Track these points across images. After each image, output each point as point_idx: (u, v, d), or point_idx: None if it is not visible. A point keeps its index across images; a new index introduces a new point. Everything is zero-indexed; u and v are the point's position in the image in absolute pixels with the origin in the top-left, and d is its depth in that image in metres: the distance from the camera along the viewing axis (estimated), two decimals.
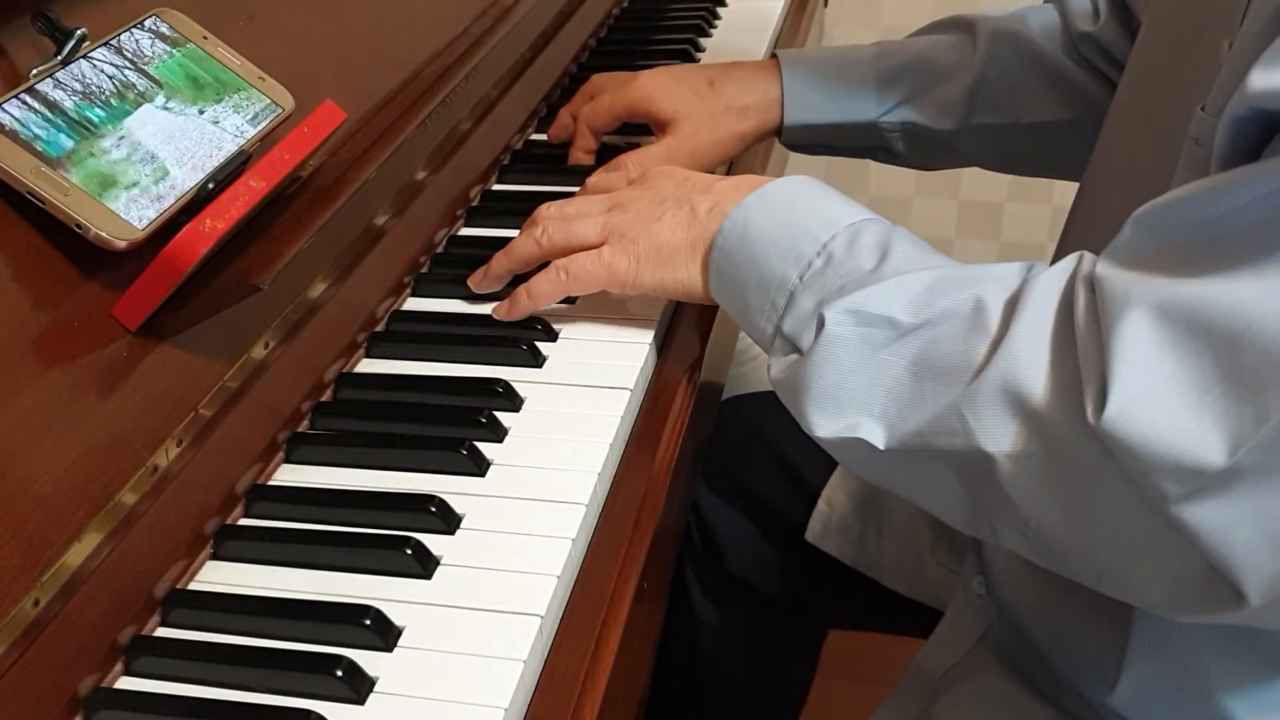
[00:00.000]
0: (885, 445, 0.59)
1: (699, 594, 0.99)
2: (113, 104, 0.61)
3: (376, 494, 0.63)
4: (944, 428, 0.57)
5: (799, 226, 0.66)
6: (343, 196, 0.67)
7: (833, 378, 0.60)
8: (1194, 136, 0.59)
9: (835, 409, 0.61)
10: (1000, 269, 0.61)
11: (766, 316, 0.65)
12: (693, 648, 1.00)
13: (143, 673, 0.54)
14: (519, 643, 0.53)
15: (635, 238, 0.71)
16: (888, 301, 0.60)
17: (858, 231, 0.65)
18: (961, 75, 0.92)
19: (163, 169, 0.61)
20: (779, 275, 0.65)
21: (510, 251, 0.75)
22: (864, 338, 0.60)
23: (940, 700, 0.78)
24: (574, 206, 0.75)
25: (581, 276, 0.72)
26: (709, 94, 0.92)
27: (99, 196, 0.57)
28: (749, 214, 0.68)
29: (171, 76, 0.65)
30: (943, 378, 0.57)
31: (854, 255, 0.63)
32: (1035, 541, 0.58)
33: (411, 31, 0.88)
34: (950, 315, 0.58)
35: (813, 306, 0.62)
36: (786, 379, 0.63)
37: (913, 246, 0.64)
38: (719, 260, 0.68)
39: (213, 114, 0.65)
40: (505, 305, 0.74)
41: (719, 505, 0.97)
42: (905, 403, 0.59)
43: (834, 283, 0.62)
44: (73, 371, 0.55)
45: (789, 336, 0.64)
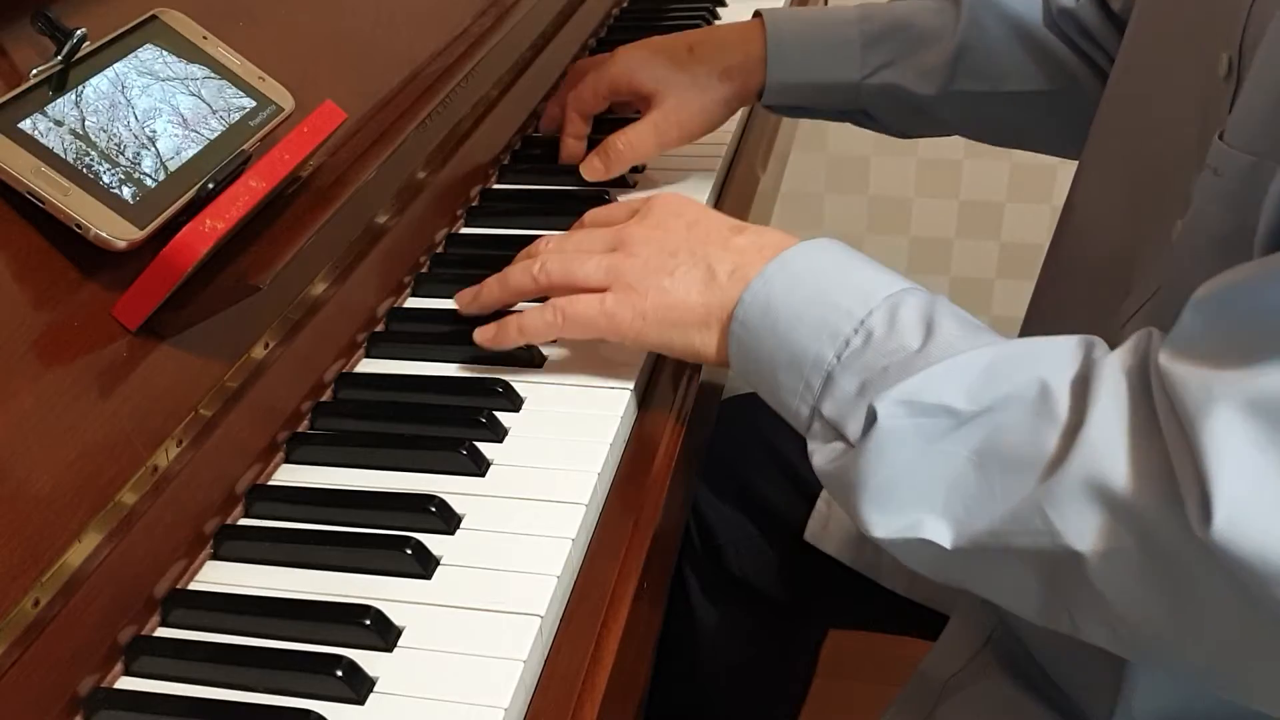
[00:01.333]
0: (953, 545, 0.56)
1: (698, 594, 0.99)
2: (113, 103, 0.61)
3: (376, 494, 0.63)
4: (1023, 526, 0.53)
5: (830, 301, 0.62)
6: (343, 196, 0.67)
7: (888, 474, 0.57)
8: (1213, 167, 0.58)
9: (894, 507, 0.57)
10: (1057, 346, 0.57)
11: (800, 397, 0.61)
12: (692, 648, 1.00)
13: (143, 673, 0.54)
14: (519, 643, 0.53)
15: (643, 290, 0.67)
16: (943, 389, 0.56)
17: (896, 306, 0.61)
18: (945, 41, 0.91)
19: (163, 168, 0.61)
20: (812, 354, 0.61)
21: (504, 281, 0.72)
22: (920, 429, 0.56)
23: (943, 705, 0.78)
24: (574, 241, 0.71)
25: (579, 321, 0.68)
26: (689, 60, 0.91)
27: (99, 196, 0.57)
28: (771, 286, 0.63)
29: (172, 76, 0.65)
30: (1012, 469, 0.54)
31: (896, 333, 0.59)
32: (1128, 637, 0.55)
33: (411, 31, 0.88)
34: (1013, 401, 0.55)
35: (855, 389, 0.59)
36: (835, 473, 0.59)
37: (957, 320, 0.61)
38: (740, 333, 0.64)
39: (212, 113, 0.65)
40: (491, 332, 0.71)
41: (718, 505, 0.97)
42: (972, 497, 0.55)
43: (877, 363, 0.59)
44: (73, 371, 0.55)
45: (831, 421, 0.60)
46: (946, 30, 0.92)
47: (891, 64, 0.92)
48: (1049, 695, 0.73)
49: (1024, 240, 1.92)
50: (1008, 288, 1.97)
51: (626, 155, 0.89)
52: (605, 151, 0.89)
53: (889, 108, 0.94)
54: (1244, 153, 0.57)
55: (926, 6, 0.94)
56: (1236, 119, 0.58)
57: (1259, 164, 0.56)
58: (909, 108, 0.94)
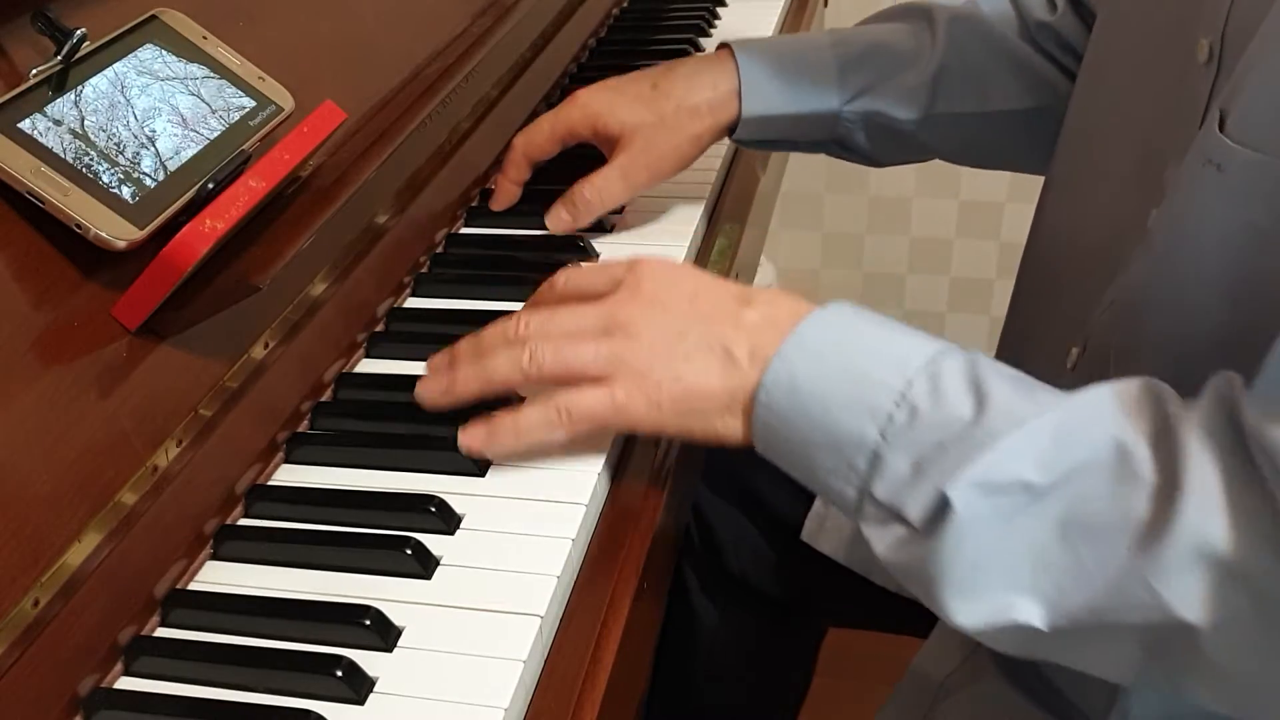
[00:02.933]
0: (1049, 624, 0.53)
1: (698, 593, 0.99)
2: (113, 103, 0.61)
3: (376, 494, 0.63)
4: (1127, 601, 0.51)
5: (862, 374, 0.57)
6: (343, 196, 0.67)
7: (971, 561, 0.54)
8: (1215, 162, 0.58)
9: (980, 594, 0.54)
10: (1124, 399, 0.55)
11: (844, 478, 0.58)
12: (692, 647, 1.00)
13: (143, 673, 0.54)
14: (519, 643, 0.53)
15: (655, 378, 0.61)
16: (1016, 464, 0.53)
17: (936, 374, 0.57)
18: (923, 62, 0.88)
19: (163, 168, 0.61)
20: (853, 433, 0.57)
21: (485, 373, 0.63)
22: (997, 508, 0.53)
23: (941, 705, 0.78)
24: (560, 323, 0.63)
25: (587, 418, 0.61)
26: (655, 98, 0.86)
27: (99, 196, 0.57)
28: (793, 365, 0.59)
29: (172, 76, 0.65)
30: (1099, 537, 0.52)
31: (943, 403, 0.56)
32: (1235, 695, 0.53)
33: (411, 31, 0.88)
34: (1090, 466, 0.53)
35: (909, 469, 0.55)
36: (907, 563, 0.56)
37: (1005, 380, 0.57)
38: (766, 418, 0.59)
39: (212, 113, 0.65)
40: (481, 437, 0.63)
41: (717, 504, 0.96)
42: (1061, 572, 0.53)
43: (929, 438, 0.55)
44: (73, 371, 0.55)
45: (887, 504, 0.56)
46: (924, 51, 0.89)
47: (870, 89, 0.89)
48: (1046, 697, 0.73)
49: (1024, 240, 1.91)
50: (1008, 288, 1.95)
51: (594, 204, 0.85)
52: (571, 201, 0.85)
53: (870, 135, 0.91)
54: (1251, 149, 0.56)
55: (900, 28, 0.91)
56: (1242, 113, 0.57)
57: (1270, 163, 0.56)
58: (889, 134, 0.90)
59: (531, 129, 0.87)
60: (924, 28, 0.90)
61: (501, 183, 0.88)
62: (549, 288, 0.68)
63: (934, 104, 0.88)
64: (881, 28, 0.92)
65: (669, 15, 1.25)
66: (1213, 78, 0.63)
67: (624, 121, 0.85)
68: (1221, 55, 0.62)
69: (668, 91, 0.86)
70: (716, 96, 0.86)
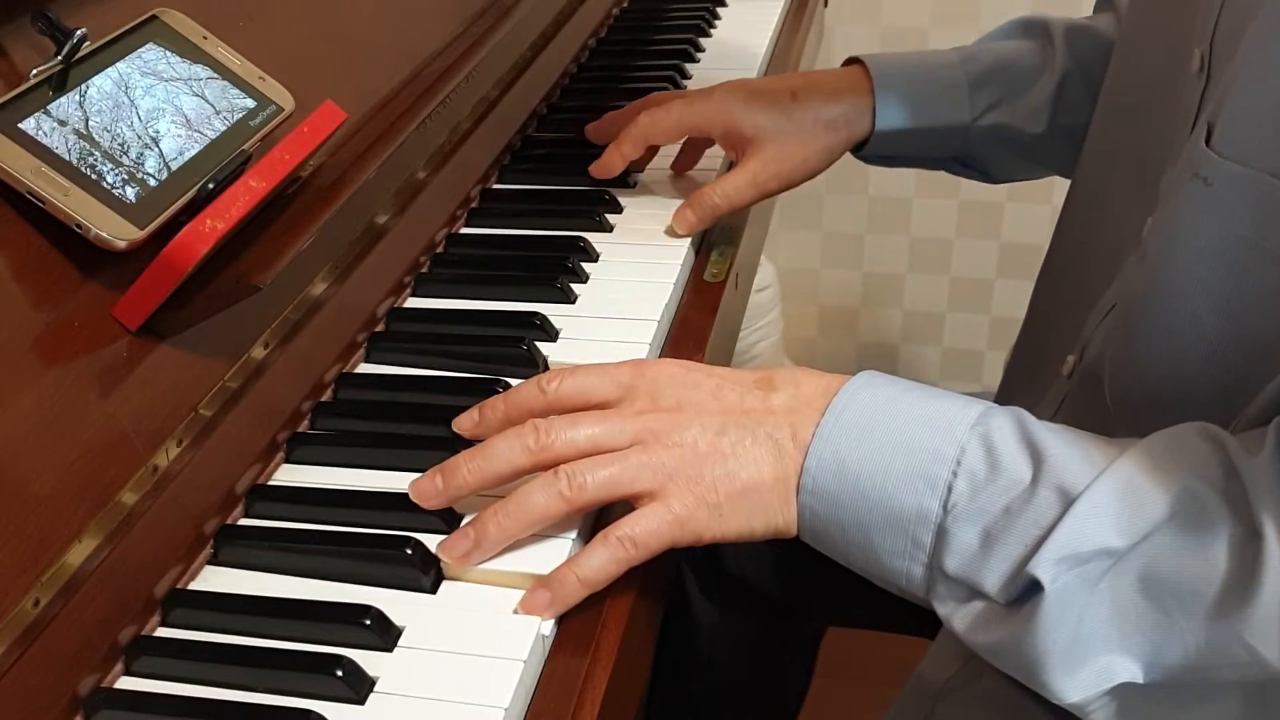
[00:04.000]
0: (1148, 679, 0.53)
1: (697, 593, 0.99)
2: (113, 103, 0.61)
3: (376, 494, 0.63)
4: (1225, 659, 0.51)
5: (911, 445, 0.56)
6: (343, 196, 0.67)
7: (1068, 635, 0.53)
8: (1202, 176, 0.57)
9: (1079, 663, 0.53)
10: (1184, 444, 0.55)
11: (910, 557, 0.56)
12: (692, 647, 1.00)
13: (143, 673, 0.54)
14: (519, 643, 0.53)
15: (709, 481, 0.58)
16: (1096, 532, 0.52)
17: (986, 435, 0.56)
18: (1047, 75, 0.89)
19: (163, 168, 0.61)
20: (912, 508, 0.55)
21: (520, 511, 0.57)
22: (1083, 577, 0.53)
23: (942, 706, 0.77)
24: (587, 435, 0.59)
25: (654, 544, 0.57)
26: (793, 107, 0.86)
27: (99, 196, 0.57)
28: (836, 445, 0.57)
29: (172, 76, 0.65)
30: (1185, 591, 0.51)
31: (1001, 468, 0.55)
32: None
33: (411, 31, 0.88)
34: (1168, 520, 0.52)
35: (978, 540, 0.54)
36: (996, 644, 0.55)
37: (1055, 435, 0.56)
38: (813, 503, 0.58)
39: (213, 113, 0.65)
40: (545, 598, 0.56)
41: None
42: (1152, 627, 0.52)
43: (993, 505, 0.54)
44: (73, 371, 0.55)
45: (961, 579, 0.55)
46: (1046, 65, 0.90)
47: (999, 104, 0.89)
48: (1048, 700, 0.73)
49: (1024, 240, 1.92)
50: (1008, 288, 1.97)
51: (722, 208, 0.84)
52: (699, 204, 0.83)
53: (995, 150, 0.91)
54: (1236, 163, 0.56)
55: (1022, 45, 0.92)
56: (1226, 127, 0.57)
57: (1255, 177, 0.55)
58: (1016, 149, 0.91)
59: (660, 113, 0.85)
60: (1045, 42, 0.91)
61: (612, 152, 0.87)
62: (535, 392, 0.62)
63: (1057, 116, 0.89)
64: (1004, 45, 0.92)
65: (669, 15, 1.25)
66: (1202, 87, 0.63)
67: (760, 126, 0.84)
68: (1210, 65, 0.62)
69: (806, 102, 0.86)
70: (853, 112, 0.87)
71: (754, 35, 1.19)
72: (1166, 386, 0.58)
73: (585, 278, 0.81)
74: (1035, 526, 0.53)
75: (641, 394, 0.61)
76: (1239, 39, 0.58)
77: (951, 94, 0.89)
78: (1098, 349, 0.70)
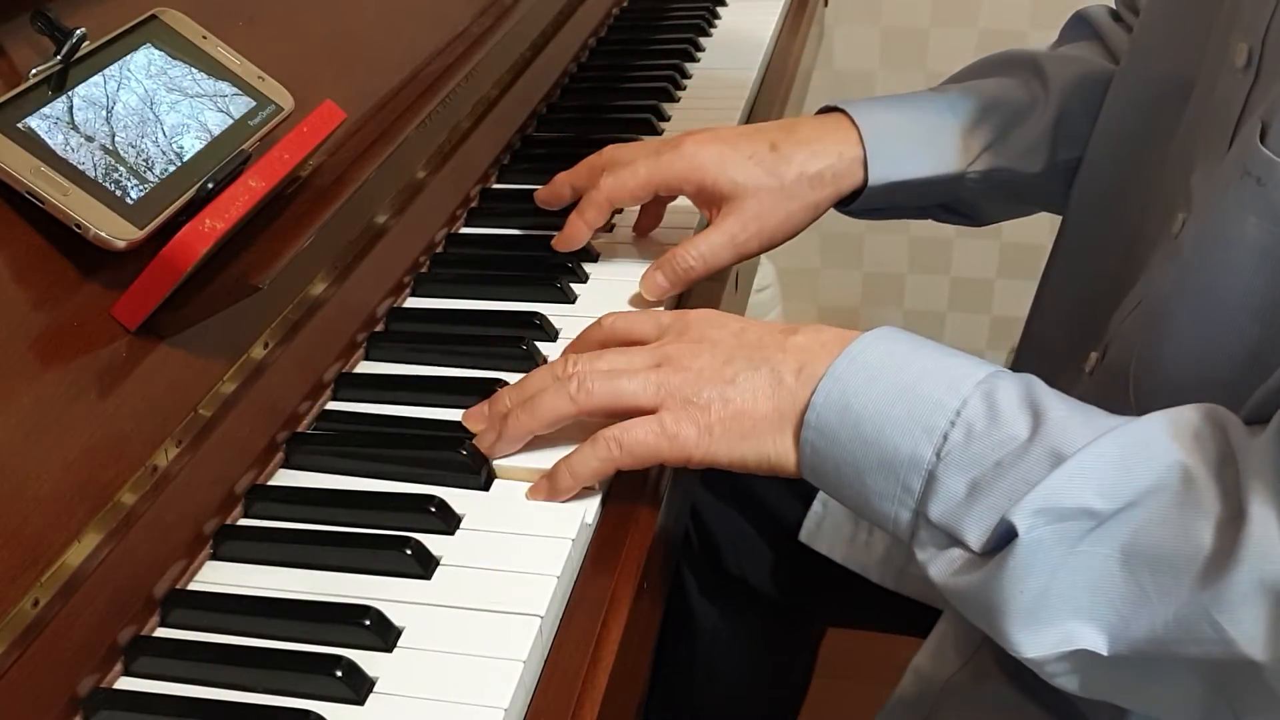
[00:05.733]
0: (1110, 651, 0.52)
1: (697, 594, 0.99)
2: (112, 103, 0.61)
3: (376, 494, 0.63)
4: (1190, 634, 0.50)
5: (916, 393, 0.57)
6: (343, 196, 0.67)
7: (1035, 589, 0.53)
8: (1255, 175, 0.56)
9: (1043, 622, 0.53)
10: (1186, 426, 0.54)
11: (898, 501, 0.57)
12: (691, 647, 1.00)
13: (142, 673, 0.54)
14: (519, 643, 0.53)
15: (704, 403, 0.60)
16: (1080, 490, 0.52)
17: (990, 392, 0.56)
18: (1040, 111, 0.84)
19: (162, 168, 0.61)
20: (906, 453, 0.56)
21: (534, 408, 0.62)
22: (1061, 535, 0.52)
23: (943, 706, 0.77)
24: (607, 360, 0.63)
25: (639, 450, 0.60)
26: (774, 161, 0.79)
27: (98, 196, 0.57)
28: (844, 384, 0.58)
29: (172, 76, 0.65)
30: (1164, 568, 0.51)
31: (999, 423, 0.55)
32: None
33: (411, 31, 0.88)
34: (1155, 493, 0.52)
35: (965, 489, 0.55)
36: (967, 590, 0.55)
37: (1061, 401, 0.56)
38: (815, 439, 0.58)
39: (212, 113, 0.65)
40: (545, 489, 0.62)
41: (716, 505, 0.97)
42: (1123, 600, 0.52)
43: (986, 458, 0.55)
44: (72, 371, 0.55)
45: (943, 526, 0.55)
46: (1038, 101, 0.85)
47: (991, 146, 0.84)
48: (1049, 698, 0.73)
49: (1024, 240, 1.92)
50: (1008, 288, 1.97)
51: (697, 272, 0.77)
52: (672, 266, 0.77)
53: (988, 193, 0.86)
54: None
55: (1008, 82, 0.87)
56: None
57: None
58: (1009, 190, 0.86)
59: (624, 174, 0.78)
60: (1032, 77, 0.86)
61: (575, 222, 0.80)
62: (594, 329, 0.69)
63: (1056, 152, 0.84)
64: (990, 83, 0.88)
65: (669, 15, 1.25)
66: (1250, 84, 0.62)
67: (737, 182, 0.78)
68: (1261, 61, 0.61)
69: (789, 155, 0.80)
70: (841, 164, 0.81)
71: (754, 35, 1.19)
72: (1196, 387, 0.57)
73: (585, 278, 0.81)
74: (1023, 483, 0.53)
75: (674, 330, 0.65)
76: None
77: (944, 140, 0.84)
78: (1123, 346, 0.69)
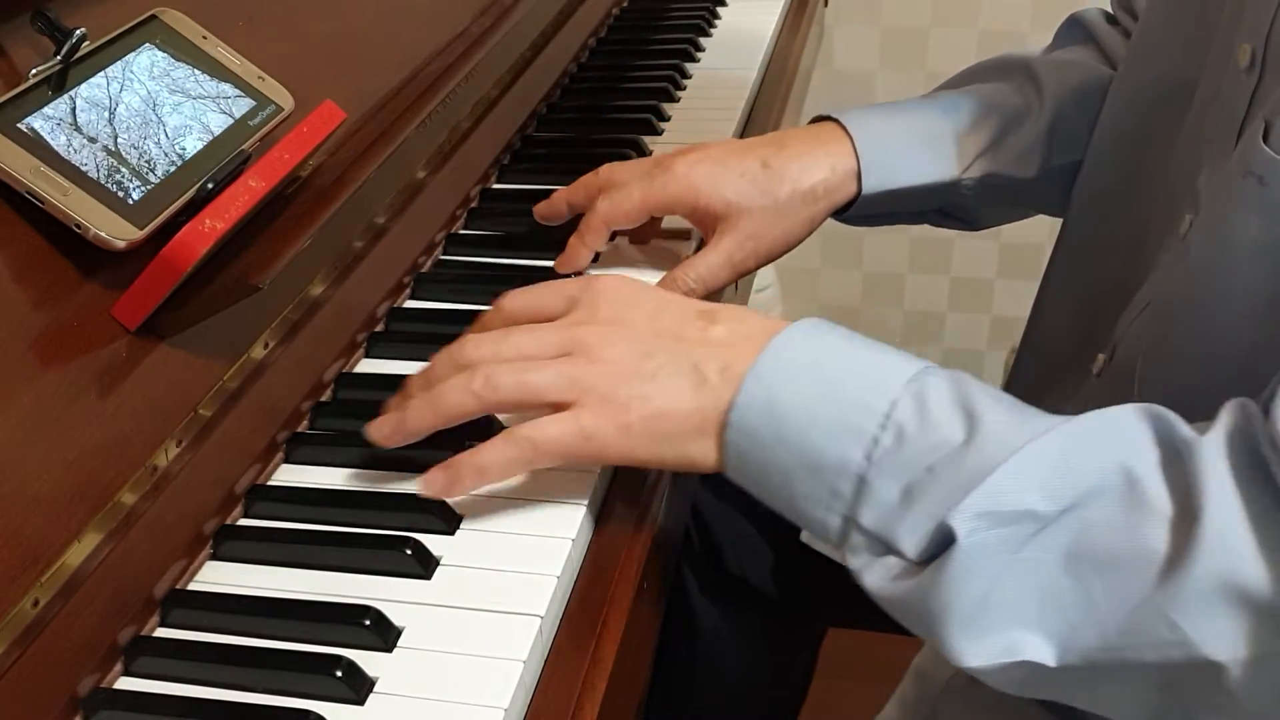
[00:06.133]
0: (1059, 662, 0.51)
1: (697, 593, 0.99)
2: (112, 104, 0.61)
3: (376, 494, 0.63)
4: (1147, 638, 0.49)
5: (844, 394, 0.55)
6: (343, 196, 0.67)
7: (976, 595, 0.51)
8: (1257, 174, 0.56)
9: (986, 631, 0.51)
10: (1128, 425, 0.53)
11: (827, 507, 0.55)
12: (692, 647, 1.00)
13: (142, 673, 0.54)
14: (519, 643, 0.53)
15: (622, 400, 0.57)
16: (1021, 492, 0.50)
17: (920, 393, 0.54)
18: (1035, 116, 0.83)
19: (162, 168, 0.61)
20: (835, 457, 0.54)
21: (436, 402, 0.59)
22: (1003, 539, 0.51)
23: (944, 706, 0.77)
24: (513, 345, 0.60)
25: (554, 450, 0.58)
26: (766, 179, 0.78)
27: (98, 196, 0.57)
28: (768, 384, 0.56)
29: (170, 75, 0.65)
30: (1111, 571, 0.50)
31: (932, 425, 0.53)
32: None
33: (411, 31, 0.88)
34: (1098, 494, 0.50)
35: (898, 495, 0.53)
36: (904, 598, 0.53)
37: (995, 400, 0.55)
38: (739, 441, 0.56)
39: (212, 113, 0.65)
40: (440, 482, 0.59)
41: (717, 505, 0.97)
42: (1071, 607, 0.50)
43: (919, 461, 0.53)
44: (72, 371, 0.55)
45: (876, 534, 0.54)
46: (1032, 106, 0.84)
47: (985, 152, 0.83)
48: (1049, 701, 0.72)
49: (1024, 240, 1.92)
50: (1008, 288, 1.97)
51: (697, 293, 0.77)
52: (671, 287, 0.76)
53: (983, 198, 0.85)
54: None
55: (1002, 87, 0.87)
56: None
57: None
58: (1003, 195, 0.85)
59: (619, 197, 0.78)
60: (1025, 81, 0.86)
61: (575, 245, 0.79)
62: (496, 310, 0.64)
63: (1051, 157, 0.84)
64: (984, 88, 0.87)
65: (669, 15, 1.25)
66: (1254, 85, 0.61)
67: (730, 202, 0.78)
68: (1265, 62, 0.61)
69: (781, 172, 0.79)
70: (834, 178, 0.80)
71: (754, 35, 1.19)
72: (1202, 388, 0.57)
73: None
74: (959, 489, 0.51)
75: (583, 305, 0.61)
76: None
77: (938, 147, 0.83)
78: (1130, 347, 0.69)
